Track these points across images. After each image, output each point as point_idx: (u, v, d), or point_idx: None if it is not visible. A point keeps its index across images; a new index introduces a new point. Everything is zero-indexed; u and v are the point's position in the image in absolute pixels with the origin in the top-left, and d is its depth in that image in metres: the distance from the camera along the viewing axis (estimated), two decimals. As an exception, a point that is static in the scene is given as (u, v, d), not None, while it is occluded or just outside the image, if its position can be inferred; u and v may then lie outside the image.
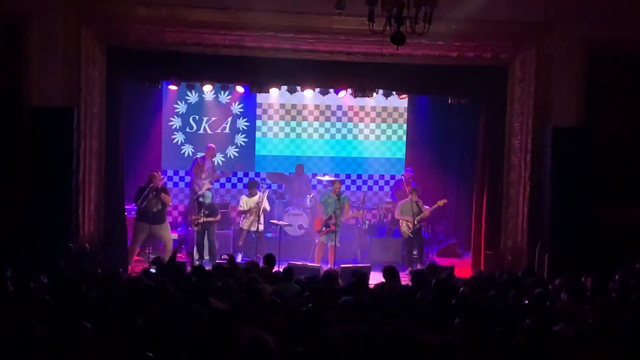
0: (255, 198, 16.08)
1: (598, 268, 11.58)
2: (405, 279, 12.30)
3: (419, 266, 14.56)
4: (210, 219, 15.55)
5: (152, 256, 13.72)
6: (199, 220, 15.40)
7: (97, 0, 13.22)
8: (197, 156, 17.89)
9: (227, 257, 11.83)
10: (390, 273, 11.26)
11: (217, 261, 13.79)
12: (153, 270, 11.34)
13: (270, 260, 11.86)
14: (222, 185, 18.63)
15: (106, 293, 9.36)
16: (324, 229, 15.50)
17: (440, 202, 16.25)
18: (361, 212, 17.32)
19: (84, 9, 13.20)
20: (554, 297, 9.89)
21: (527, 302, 9.67)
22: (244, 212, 16.10)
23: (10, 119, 13.23)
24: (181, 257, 14.68)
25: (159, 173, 15.70)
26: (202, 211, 15.44)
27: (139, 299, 8.98)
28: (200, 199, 15.61)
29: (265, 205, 16.15)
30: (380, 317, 8.61)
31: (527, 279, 11.06)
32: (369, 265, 14.35)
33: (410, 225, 15.80)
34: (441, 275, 11.12)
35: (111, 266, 11.82)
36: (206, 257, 15.37)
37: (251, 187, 16.38)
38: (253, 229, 16.03)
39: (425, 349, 7.38)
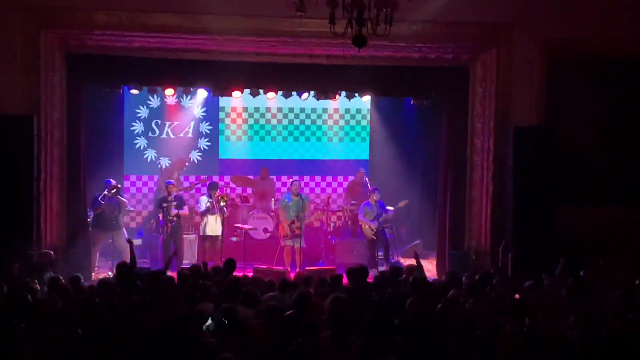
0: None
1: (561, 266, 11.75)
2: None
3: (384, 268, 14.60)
4: (181, 211, 15.52)
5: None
6: (171, 214, 15.36)
7: (56, 6, 13.06)
8: (164, 166, 17.84)
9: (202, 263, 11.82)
10: (355, 273, 11.31)
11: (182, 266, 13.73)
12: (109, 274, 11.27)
13: (229, 265, 11.76)
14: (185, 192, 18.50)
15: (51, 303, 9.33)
16: (289, 233, 15.49)
17: (402, 203, 16.36)
18: (322, 213, 17.32)
19: (42, 15, 13.06)
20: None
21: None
22: (203, 212, 15.98)
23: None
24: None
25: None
26: (170, 202, 15.41)
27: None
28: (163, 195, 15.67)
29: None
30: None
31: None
32: (334, 267, 14.37)
33: (372, 227, 15.84)
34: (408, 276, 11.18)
35: (73, 273, 11.72)
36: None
37: (212, 189, 16.29)
38: (213, 233, 15.93)
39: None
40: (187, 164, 18.06)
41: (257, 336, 8.21)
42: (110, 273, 11.85)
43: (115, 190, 15.10)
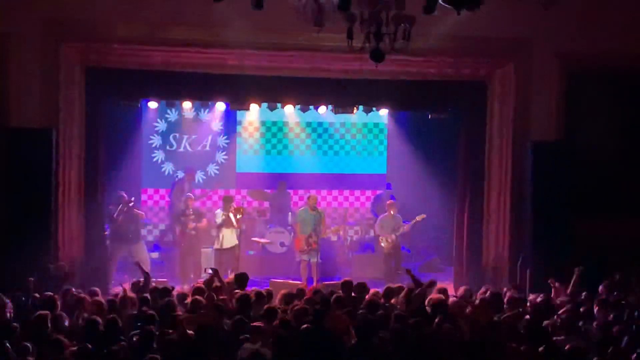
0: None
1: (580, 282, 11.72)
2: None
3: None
4: (199, 224, 15.54)
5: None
6: (188, 226, 15.39)
7: (76, 20, 13.15)
8: (177, 178, 17.88)
9: (211, 271, 11.80)
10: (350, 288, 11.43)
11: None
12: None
13: (241, 279, 11.74)
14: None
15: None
16: (305, 248, 15.47)
17: (419, 217, 16.33)
18: (340, 227, 17.29)
19: (62, 29, 13.14)
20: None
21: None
22: (219, 226, 15.98)
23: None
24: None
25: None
26: (188, 215, 15.44)
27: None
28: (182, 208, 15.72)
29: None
30: None
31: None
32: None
33: (390, 241, 15.83)
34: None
35: (90, 286, 11.77)
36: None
37: (226, 202, 16.30)
38: (230, 245, 15.94)
39: None
40: (196, 174, 18.04)
41: None
42: (121, 286, 11.85)
43: (130, 204, 15.13)
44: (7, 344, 8.27)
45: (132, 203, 15.24)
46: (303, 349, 8.54)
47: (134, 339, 9.01)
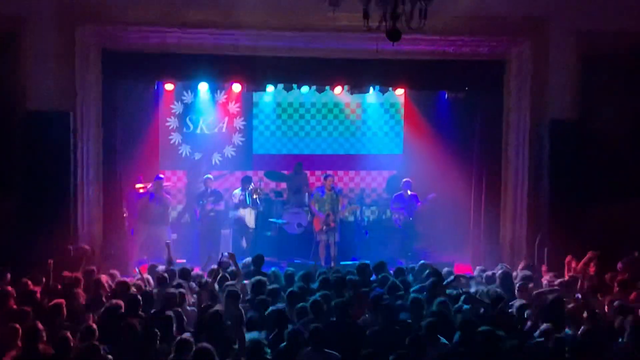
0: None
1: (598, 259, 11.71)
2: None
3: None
4: (217, 206, 15.59)
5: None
6: (207, 207, 15.46)
7: (91, 2, 13.18)
8: (195, 159, 17.99)
9: (228, 256, 11.85)
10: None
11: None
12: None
13: (258, 261, 11.80)
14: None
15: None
16: (324, 227, 15.52)
17: (430, 197, 16.37)
18: (358, 206, 17.33)
19: (78, 11, 13.16)
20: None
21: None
22: (237, 206, 16.06)
23: (7, 123, 13.23)
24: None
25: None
26: (207, 197, 15.49)
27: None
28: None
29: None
30: None
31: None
32: (367, 262, 14.35)
33: (402, 218, 15.93)
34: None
35: (110, 267, 11.87)
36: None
37: (244, 183, 16.37)
38: (247, 225, 16.05)
39: None
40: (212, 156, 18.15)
41: None
42: (137, 269, 11.96)
43: (158, 186, 15.26)
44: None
45: (166, 186, 15.36)
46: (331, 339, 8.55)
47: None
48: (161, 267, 11.87)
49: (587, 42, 13.97)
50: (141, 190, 15.46)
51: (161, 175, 15.74)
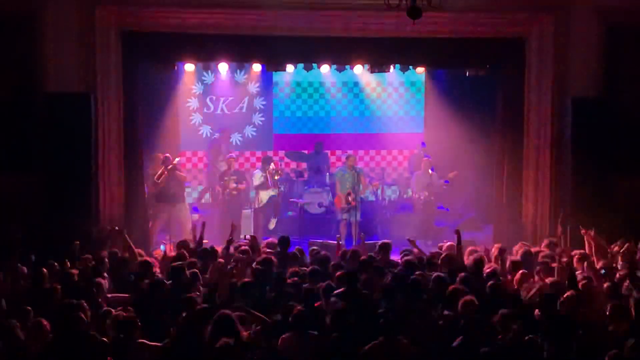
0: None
1: (622, 238, 11.63)
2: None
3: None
4: (240, 186, 15.63)
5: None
6: (229, 186, 15.50)
7: (110, -17, 13.21)
8: (213, 138, 18.01)
9: (249, 238, 11.87)
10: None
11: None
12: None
13: (284, 242, 11.81)
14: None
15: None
16: (345, 206, 15.54)
17: (452, 174, 16.35)
18: (378, 184, 17.33)
19: (97, -9, 13.21)
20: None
21: None
22: (257, 187, 16.10)
23: (28, 105, 13.29)
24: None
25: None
26: (230, 177, 15.55)
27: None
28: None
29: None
30: None
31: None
32: (389, 241, 14.34)
33: (422, 197, 15.90)
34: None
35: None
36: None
37: (265, 163, 16.39)
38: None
39: None
40: (231, 135, 18.17)
41: None
42: (162, 247, 11.96)
43: (174, 165, 15.27)
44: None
45: (176, 164, 15.36)
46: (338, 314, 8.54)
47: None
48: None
49: (610, 17, 13.85)
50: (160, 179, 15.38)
51: (167, 155, 15.66)
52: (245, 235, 12.54)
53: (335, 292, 9.22)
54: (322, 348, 8.00)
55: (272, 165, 16.40)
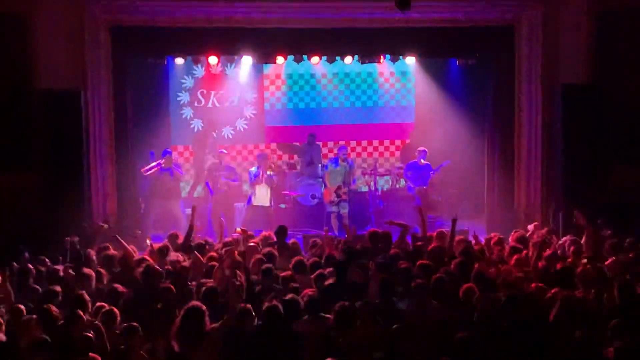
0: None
1: (613, 225, 11.65)
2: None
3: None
4: (231, 181, 15.66)
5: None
6: (220, 182, 15.50)
7: (98, -22, 13.19)
8: (197, 131, 18.09)
9: (241, 231, 11.85)
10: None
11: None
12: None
13: (281, 232, 11.83)
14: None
15: None
16: (335, 199, 15.52)
17: (445, 164, 16.33)
18: (371, 179, 17.30)
19: (86, -13, 13.19)
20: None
21: None
22: (252, 184, 16.09)
23: (18, 102, 13.28)
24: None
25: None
26: (220, 171, 15.56)
27: None
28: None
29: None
30: None
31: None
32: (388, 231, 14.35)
33: (416, 188, 15.95)
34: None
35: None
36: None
37: (262, 160, 16.38)
38: (262, 203, 16.05)
39: None
40: (217, 128, 18.18)
41: None
42: (148, 241, 11.93)
43: (167, 160, 15.25)
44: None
45: (175, 162, 15.39)
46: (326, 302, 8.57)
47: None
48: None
49: (600, 4, 13.89)
50: (149, 173, 15.35)
51: (169, 149, 15.70)
52: (236, 229, 12.51)
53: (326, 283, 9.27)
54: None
55: (270, 163, 16.38)
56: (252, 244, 11.39)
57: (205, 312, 7.74)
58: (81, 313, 8.01)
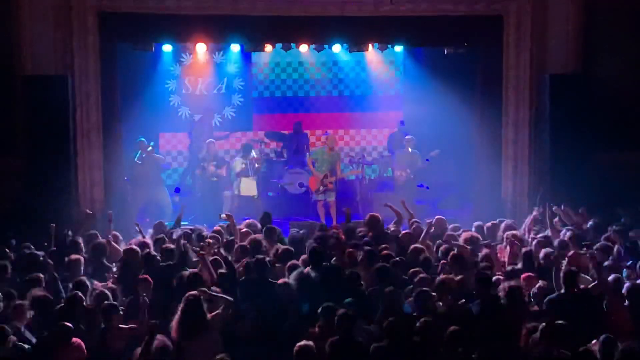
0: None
1: (600, 213, 11.72)
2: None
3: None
4: (219, 170, 15.61)
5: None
6: (209, 170, 15.47)
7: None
8: (195, 121, 17.96)
9: (226, 217, 11.87)
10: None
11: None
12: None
13: (265, 219, 11.85)
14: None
15: None
16: (321, 188, 15.50)
17: (434, 153, 16.34)
18: (359, 170, 17.28)
19: (73, -28, 13.11)
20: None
21: None
22: (238, 174, 16.09)
23: (5, 88, 13.22)
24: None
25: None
26: (210, 161, 15.52)
27: None
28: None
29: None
30: None
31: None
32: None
33: (404, 175, 15.90)
34: None
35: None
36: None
37: (245, 151, 16.37)
38: (249, 194, 16.05)
39: None
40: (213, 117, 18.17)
41: None
42: (136, 223, 11.96)
43: (149, 148, 15.19)
44: None
45: (151, 148, 15.29)
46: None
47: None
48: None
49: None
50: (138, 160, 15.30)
51: (142, 138, 15.55)
52: (220, 215, 12.53)
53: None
54: None
55: (253, 153, 16.36)
56: (244, 229, 11.48)
57: (202, 302, 7.78)
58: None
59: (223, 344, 7.79)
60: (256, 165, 16.13)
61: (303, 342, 7.17)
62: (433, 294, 8.50)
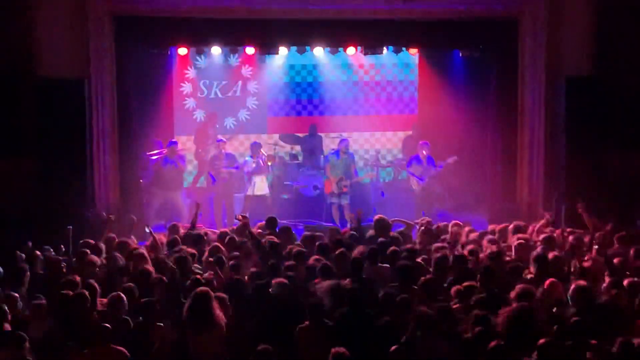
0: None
1: (616, 216, 11.67)
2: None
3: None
4: (232, 169, 15.63)
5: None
6: (222, 172, 15.48)
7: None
8: (198, 122, 18.11)
9: (241, 217, 11.88)
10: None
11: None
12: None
13: (271, 223, 11.86)
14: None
15: None
16: (335, 192, 15.50)
17: (451, 160, 16.20)
18: (372, 174, 17.27)
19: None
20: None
21: None
22: (250, 173, 16.07)
23: (21, 91, 13.29)
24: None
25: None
26: (221, 160, 15.53)
27: None
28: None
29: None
30: None
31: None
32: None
33: (420, 184, 15.83)
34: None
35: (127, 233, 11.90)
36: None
37: (255, 149, 16.36)
38: (261, 192, 16.04)
39: None
40: (217, 118, 18.16)
41: None
42: (147, 227, 11.98)
43: (171, 151, 15.25)
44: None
45: (180, 150, 15.38)
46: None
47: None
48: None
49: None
50: (154, 157, 15.45)
51: (175, 140, 15.71)
52: (236, 216, 12.53)
53: None
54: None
55: (262, 151, 16.35)
56: (259, 231, 11.53)
57: (212, 298, 7.82)
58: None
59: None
60: (268, 163, 16.12)
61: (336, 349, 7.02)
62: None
